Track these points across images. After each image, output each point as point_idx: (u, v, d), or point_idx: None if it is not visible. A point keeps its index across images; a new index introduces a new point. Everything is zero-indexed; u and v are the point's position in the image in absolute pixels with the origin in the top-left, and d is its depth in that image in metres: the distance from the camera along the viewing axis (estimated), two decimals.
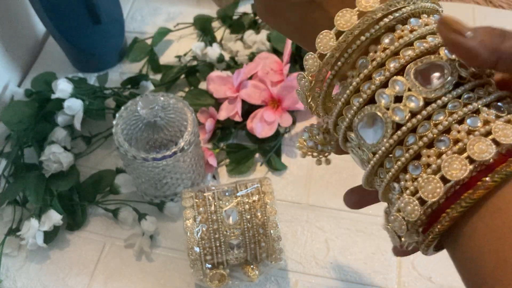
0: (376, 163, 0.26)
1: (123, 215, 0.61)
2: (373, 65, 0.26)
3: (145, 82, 0.72)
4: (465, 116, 0.24)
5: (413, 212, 0.24)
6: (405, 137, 0.25)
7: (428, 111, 0.24)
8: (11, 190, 0.62)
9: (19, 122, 0.64)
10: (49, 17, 0.68)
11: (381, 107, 0.25)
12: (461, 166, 0.23)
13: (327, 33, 0.26)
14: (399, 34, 0.26)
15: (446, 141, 0.24)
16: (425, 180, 0.23)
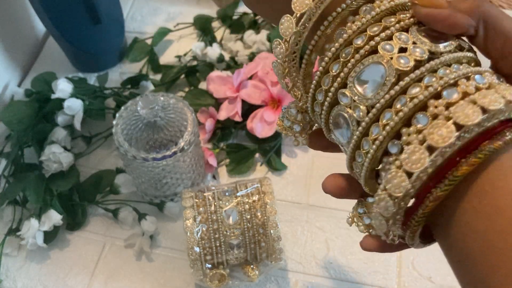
0: (351, 157, 0.25)
1: (123, 215, 0.61)
2: (353, 29, 0.24)
3: (145, 82, 0.72)
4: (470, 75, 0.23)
5: (399, 185, 0.22)
6: (370, 126, 0.24)
7: (401, 86, 0.23)
8: (11, 190, 0.62)
9: (19, 122, 0.64)
10: (49, 17, 0.68)
11: (343, 105, 0.24)
12: (472, 112, 0.21)
13: (288, 17, 0.25)
14: (378, 4, 0.25)
15: (423, 119, 0.22)
16: (410, 150, 0.22)
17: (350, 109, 0.24)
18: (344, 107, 0.25)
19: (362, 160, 0.25)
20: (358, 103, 0.24)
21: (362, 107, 0.24)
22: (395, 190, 0.22)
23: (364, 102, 0.24)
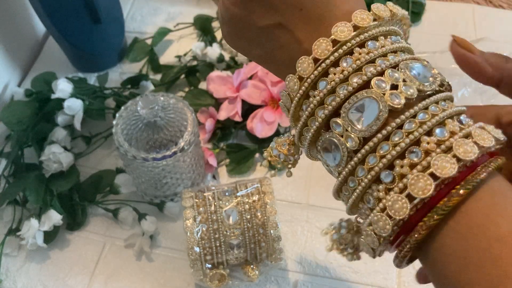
0: (339, 184, 0.28)
1: (123, 215, 0.61)
2: (335, 81, 0.27)
3: (145, 82, 0.72)
4: (446, 123, 0.26)
5: (401, 209, 0.25)
6: (362, 160, 0.26)
7: (373, 143, 0.26)
8: (11, 190, 0.62)
9: (19, 122, 0.64)
10: (49, 17, 0.68)
11: (336, 134, 0.27)
12: (450, 164, 0.24)
13: (305, 59, 0.28)
14: (356, 57, 0.27)
15: (418, 153, 0.25)
16: (415, 178, 0.24)
17: (342, 138, 0.27)
18: (336, 134, 0.27)
19: (355, 186, 0.27)
20: (350, 133, 0.26)
21: (354, 137, 0.26)
22: (381, 230, 0.25)
23: (357, 133, 0.26)
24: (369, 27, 0.28)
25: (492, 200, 0.24)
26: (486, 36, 0.72)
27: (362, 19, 0.27)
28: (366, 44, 0.27)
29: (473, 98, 0.68)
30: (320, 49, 0.27)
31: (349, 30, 0.27)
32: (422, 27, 0.81)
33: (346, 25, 0.27)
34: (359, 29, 0.27)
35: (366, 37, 0.27)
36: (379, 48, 0.27)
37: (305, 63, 0.28)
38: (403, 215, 0.24)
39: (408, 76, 0.27)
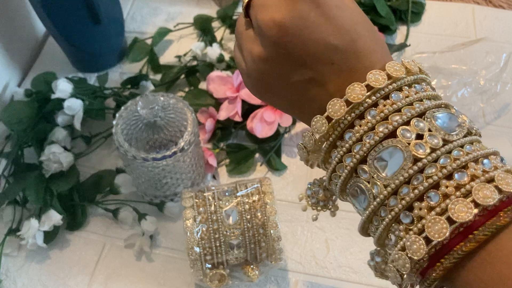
0: (363, 223, 0.29)
1: (123, 215, 0.61)
2: (364, 129, 0.28)
3: (145, 82, 0.72)
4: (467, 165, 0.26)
5: (418, 250, 0.26)
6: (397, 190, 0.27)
7: (387, 191, 0.27)
8: (11, 190, 0.62)
9: (19, 122, 0.64)
10: (49, 17, 0.68)
11: (363, 180, 0.28)
12: (467, 209, 0.24)
13: (337, 101, 0.28)
14: (381, 109, 0.28)
15: (435, 197, 0.26)
16: (432, 220, 0.25)
17: (368, 184, 0.28)
18: (362, 180, 0.28)
19: (378, 224, 0.28)
20: (376, 180, 0.27)
21: (379, 184, 0.27)
22: (414, 253, 0.26)
23: (382, 181, 0.27)
24: (401, 77, 0.28)
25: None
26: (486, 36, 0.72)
27: (395, 70, 0.28)
28: (390, 96, 0.28)
29: (473, 98, 0.68)
30: (355, 93, 0.28)
31: (383, 78, 0.28)
32: (422, 27, 0.81)
33: (381, 73, 0.28)
34: (392, 79, 0.28)
35: (400, 85, 0.28)
36: (403, 99, 0.28)
37: (337, 105, 0.28)
38: (420, 255, 0.25)
39: (433, 126, 0.27)
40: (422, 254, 0.25)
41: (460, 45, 0.71)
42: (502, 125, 0.69)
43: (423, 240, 0.25)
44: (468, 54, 0.70)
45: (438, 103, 0.28)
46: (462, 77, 0.68)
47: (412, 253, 0.26)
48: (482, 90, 0.68)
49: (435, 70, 0.69)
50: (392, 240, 0.28)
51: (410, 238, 0.26)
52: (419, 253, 0.25)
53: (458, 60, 0.70)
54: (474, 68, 0.69)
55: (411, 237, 0.26)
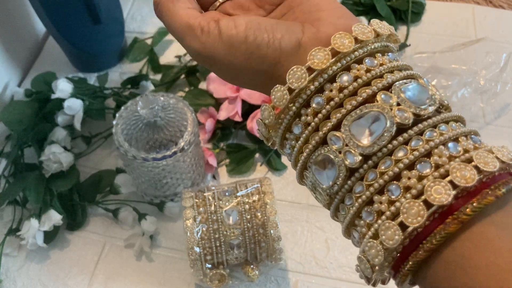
0: (337, 204, 0.26)
1: (123, 215, 0.61)
2: (331, 105, 0.25)
3: (145, 82, 0.72)
4: (444, 143, 0.24)
5: (393, 237, 0.23)
6: (365, 174, 0.25)
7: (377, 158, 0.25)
8: (11, 190, 0.62)
9: (19, 122, 0.64)
10: (49, 17, 0.68)
11: (333, 149, 0.25)
12: (444, 190, 0.22)
13: (298, 68, 0.26)
14: (355, 73, 0.25)
15: (427, 165, 0.23)
16: (407, 204, 0.23)
17: (341, 154, 0.25)
18: (333, 151, 0.25)
19: (352, 203, 0.25)
20: (351, 149, 0.24)
21: (355, 152, 0.24)
22: (389, 241, 0.23)
23: (360, 149, 0.24)
24: (368, 41, 0.26)
25: (495, 233, 0.22)
26: (486, 36, 0.72)
27: (362, 33, 0.26)
28: (364, 60, 0.26)
29: (473, 98, 0.68)
30: (317, 59, 0.25)
31: (350, 42, 0.25)
32: (422, 27, 0.81)
33: (346, 36, 0.25)
34: (359, 43, 0.26)
35: (365, 52, 0.26)
36: (377, 67, 0.26)
37: (298, 72, 0.26)
38: (419, 222, 0.23)
39: (403, 99, 0.25)
40: (398, 241, 0.23)
41: (460, 45, 0.71)
42: (502, 125, 0.69)
43: (397, 226, 0.23)
44: (468, 54, 0.70)
45: (407, 74, 0.26)
46: (462, 77, 0.68)
47: (408, 218, 0.23)
48: (482, 90, 0.68)
49: (435, 70, 0.69)
50: (370, 215, 0.25)
51: (384, 224, 0.23)
52: (419, 219, 0.23)
53: (458, 60, 0.69)
54: (474, 68, 0.69)
55: (385, 223, 0.23)
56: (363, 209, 0.25)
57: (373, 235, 0.24)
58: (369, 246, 0.24)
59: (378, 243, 0.24)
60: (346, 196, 0.26)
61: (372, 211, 0.24)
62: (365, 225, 0.25)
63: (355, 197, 0.25)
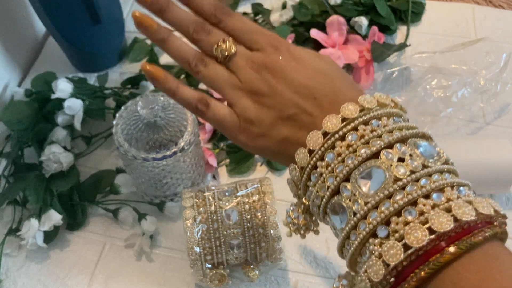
0: (343, 240, 0.31)
1: (123, 215, 0.61)
2: (338, 160, 0.30)
3: (145, 82, 0.72)
4: (431, 192, 0.28)
5: (377, 272, 0.27)
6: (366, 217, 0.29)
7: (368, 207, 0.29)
8: (11, 190, 0.62)
9: (19, 122, 0.64)
10: (49, 17, 0.68)
11: (344, 197, 0.30)
12: (446, 220, 0.26)
13: (316, 132, 0.32)
14: (361, 133, 0.30)
15: (412, 212, 0.27)
16: (388, 246, 0.27)
17: (349, 201, 0.29)
18: (344, 198, 0.30)
19: (355, 238, 0.29)
20: (358, 198, 0.29)
21: (361, 201, 0.29)
22: (374, 275, 0.27)
23: (364, 198, 0.29)
24: (374, 108, 0.31)
25: (488, 264, 0.26)
26: (486, 36, 0.72)
27: (367, 102, 0.31)
28: (370, 122, 0.31)
29: (473, 98, 0.68)
30: (330, 124, 0.31)
31: (355, 109, 0.31)
32: (422, 27, 0.81)
33: (353, 105, 0.31)
34: (364, 110, 0.31)
35: (371, 116, 0.31)
36: (382, 127, 0.30)
37: (315, 136, 0.31)
38: (396, 260, 0.26)
39: (415, 152, 0.29)
40: (399, 259, 0.26)
41: (460, 45, 0.71)
42: (502, 125, 0.69)
43: (401, 246, 0.26)
44: (468, 54, 0.70)
45: (416, 132, 0.31)
46: (462, 77, 0.68)
47: (388, 258, 0.26)
48: (482, 90, 0.68)
49: (435, 70, 0.69)
50: (366, 254, 0.29)
51: (388, 243, 0.27)
52: (396, 258, 0.26)
53: (458, 60, 0.70)
54: (474, 68, 0.69)
55: (390, 242, 0.27)
56: (363, 247, 0.29)
57: (365, 270, 0.28)
58: (360, 279, 0.28)
59: (367, 277, 0.28)
60: (351, 233, 0.30)
61: (367, 251, 0.29)
62: (363, 263, 0.29)
63: (367, 223, 0.29)
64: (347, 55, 0.69)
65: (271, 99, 0.34)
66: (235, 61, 0.36)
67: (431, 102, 0.67)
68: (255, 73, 0.35)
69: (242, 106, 0.35)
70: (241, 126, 0.35)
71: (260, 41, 0.36)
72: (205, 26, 0.37)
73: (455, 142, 0.60)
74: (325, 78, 0.34)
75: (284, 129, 0.34)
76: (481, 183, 0.59)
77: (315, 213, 0.34)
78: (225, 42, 0.36)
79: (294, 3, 0.77)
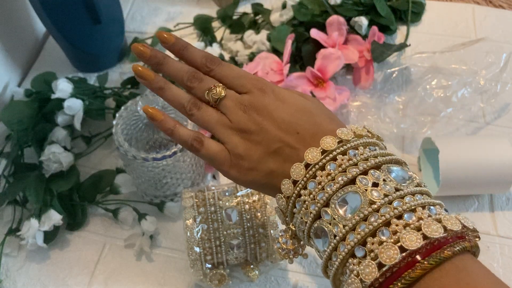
0: (325, 261, 0.33)
1: (123, 215, 0.61)
2: (318, 188, 0.33)
3: None
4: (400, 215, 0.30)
5: (370, 273, 0.29)
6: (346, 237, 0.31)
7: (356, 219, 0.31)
8: (11, 190, 0.62)
9: (19, 122, 0.64)
10: (49, 17, 0.68)
11: (325, 221, 0.32)
12: (416, 239, 0.28)
13: (298, 164, 0.34)
14: (339, 162, 0.33)
15: (385, 232, 0.29)
16: (384, 247, 0.29)
17: (329, 225, 0.32)
18: (325, 222, 0.32)
19: (336, 259, 0.31)
20: (337, 222, 0.31)
21: (340, 225, 0.31)
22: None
23: (342, 221, 0.31)
24: (351, 140, 0.34)
25: (457, 276, 0.27)
26: (486, 36, 0.72)
27: (344, 134, 0.34)
28: (348, 152, 0.34)
29: (473, 98, 0.68)
30: (311, 156, 0.34)
31: (333, 141, 0.34)
32: (422, 27, 0.81)
33: (331, 138, 0.34)
34: (342, 142, 0.34)
35: (348, 147, 0.34)
36: (358, 155, 0.33)
37: (298, 168, 0.34)
38: (372, 278, 0.28)
39: (388, 177, 0.32)
40: (373, 277, 0.28)
41: (460, 45, 0.71)
42: (502, 125, 0.69)
43: (375, 265, 0.29)
44: (468, 54, 0.70)
45: (390, 159, 0.34)
46: (462, 77, 0.68)
47: (364, 276, 0.29)
48: (482, 90, 0.68)
49: (435, 70, 0.69)
50: (346, 274, 0.31)
51: (364, 263, 0.29)
52: (371, 276, 0.28)
53: (458, 60, 0.70)
54: (474, 68, 0.69)
55: (366, 262, 0.29)
56: (344, 267, 0.31)
57: (356, 274, 0.30)
58: (350, 281, 0.30)
59: (358, 279, 0.29)
60: (332, 254, 0.32)
61: (347, 270, 0.31)
62: (345, 281, 0.31)
63: (346, 244, 0.31)
64: (347, 55, 0.69)
65: (258, 136, 0.37)
66: (225, 103, 0.39)
67: (431, 102, 0.67)
68: (243, 113, 0.38)
69: (232, 143, 0.38)
70: (232, 162, 0.38)
71: (247, 85, 0.39)
72: (198, 75, 0.40)
73: (455, 142, 0.60)
74: (306, 115, 0.37)
75: (271, 162, 0.37)
76: (481, 183, 0.59)
77: (301, 238, 0.36)
78: (216, 87, 0.39)
79: (294, 3, 0.77)
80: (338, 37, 0.70)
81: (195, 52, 0.41)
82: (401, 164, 0.35)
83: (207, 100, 0.40)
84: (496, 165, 0.58)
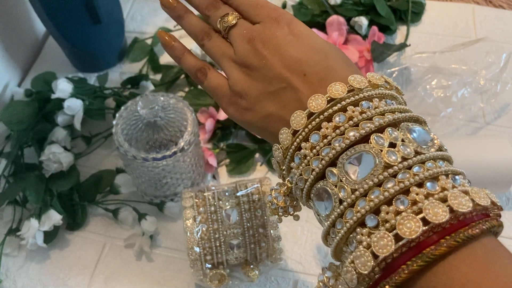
0: (328, 228, 0.29)
1: (123, 215, 0.61)
2: (324, 142, 0.29)
3: (145, 82, 0.72)
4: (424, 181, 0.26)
5: (365, 264, 0.25)
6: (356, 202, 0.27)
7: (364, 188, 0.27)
8: (11, 190, 0.62)
9: (19, 122, 0.64)
10: (49, 17, 0.68)
11: (330, 183, 0.28)
12: (415, 226, 0.24)
13: (300, 112, 0.30)
14: (349, 114, 0.29)
15: (404, 201, 0.25)
16: (378, 236, 0.25)
17: (335, 188, 0.28)
18: (330, 184, 0.28)
19: (341, 227, 0.27)
20: (344, 184, 0.27)
21: (347, 188, 0.27)
22: (362, 267, 0.25)
23: (351, 185, 0.27)
24: (364, 89, 0.30)
25: (486, 258, 0.24)
26: (486, 36, 0.72)
27: (357, 82, 0.30)
28: (360, 104, 0.29)
29: (473, 98, 0.68)
30: (315, 103, 0.30)
31: (343, 89, 0.29)
32: (422, 27, 0.81)
33: (341, 85, 0.30)
34: (354, 91, 0.30)
35: (361, 97, 0.29)
36: (373, 108, 0.29)
37: (299, 116, 0.30)
38: (387, 252, 0.24)
39: (407, 137, 0.27)
40: (389, 251, 0.25)
41: (460, 45, 0.71)
42: (502, 125, 0.69)
43: (392, 237, 0.25)
44: (468, 54, 0.70)
45: (410, 116, 0.29)
46: (462, 77, 0.68)
47: (378, 249, 0.25)
48: (482, 90, 0.68)
49: (435, 70, 0.69)
50: (353, 244, 0.27)
51: (379, 233, 0.25)
52: (386, 250, 0.25)
53: (458, 60, 0.70)
54: (474, 68, 0.69)
55: (380, 232, 0.25)
56: (349, 236, 0.27)
57: (351, 261, 0.26)
58: (345, 270, 0.27)
59: (353, 268, 0.26)
60: (337, 221, 0.28)
61: (353, 240, 0.27)
62: (349, 253, 0.28)
63: (355, 212, 0.27)
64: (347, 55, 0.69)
65: (259, 73, 0.34)
66: (233, 32, 0.36)
67: (431, 102, 0.67)
68: (248, 45, 0.35)
69: (233, 78, 0.35)
70: (231, 99, 0.35)
71: (262, 14, 0.36)
72: (216, 3, 0.38)
73: (455, 142, 0.60)
74: (319, 55, 0.33)
75: (270, 104, 0.33)
76: (481, 183, 0.59)
77: (298, 197, 0.32)
78: (228, 15, 0.37)
79: (294, 3, 0.77)
80: (338, 37, 0.70)
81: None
82: (421, 123, 0.30)
83: (219, 29, 0.37)
84: (496, 165, 0.58)
